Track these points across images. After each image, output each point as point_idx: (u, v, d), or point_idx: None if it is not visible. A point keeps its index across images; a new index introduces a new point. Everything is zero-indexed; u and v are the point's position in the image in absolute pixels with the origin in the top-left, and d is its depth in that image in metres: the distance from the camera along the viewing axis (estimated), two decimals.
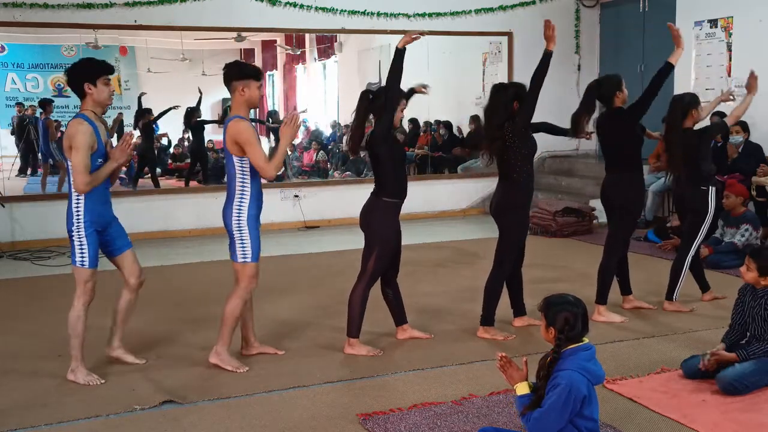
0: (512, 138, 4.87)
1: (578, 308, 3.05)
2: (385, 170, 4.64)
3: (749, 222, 6.97)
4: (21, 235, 8.63)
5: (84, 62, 4.31)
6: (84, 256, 4.29)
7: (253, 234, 4.34)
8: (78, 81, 4.21)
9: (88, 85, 4.19)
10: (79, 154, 4.08)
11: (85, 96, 4.22)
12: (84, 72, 4.22)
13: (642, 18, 10.52)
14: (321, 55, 13.92)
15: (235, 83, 4.30)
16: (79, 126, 4.12)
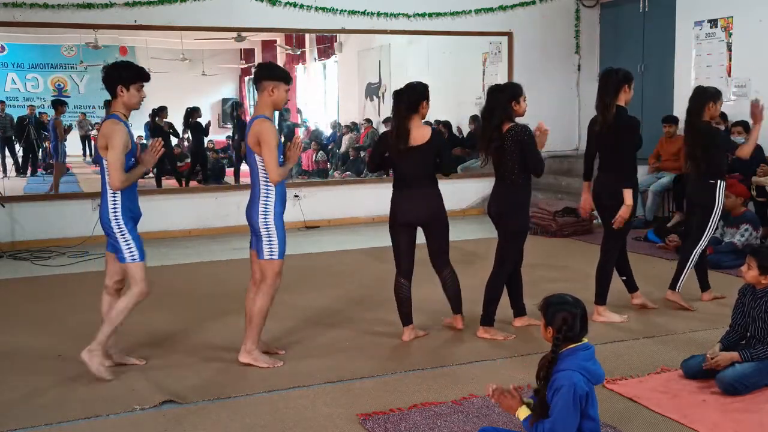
0: (510, 142, 4.86)
1: (577, 308, 3.04)
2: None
3: (749, 222, 6.97)
4: (21, 235, 8.63)
5: (122, 65, 4.42)
6: (133, 251, 4.36)
7: (280, 232, 4.42)
8: (112, 82, 4.32)
9: (121, 88, 4.30)
10: (116, 152, 4.19)
11: (116, 97, 4.33)
12: (120, 75, 4.33)
13: (642, 18, 10.52)
14: (321, 55, 13.92)
15: (266, 83, 4.37)
16: (115, 126, 4.24)
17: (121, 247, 4.34)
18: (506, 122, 4.92)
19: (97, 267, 7.60)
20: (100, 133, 4.32)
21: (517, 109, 4.99)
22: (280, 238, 4.43)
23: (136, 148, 4.39)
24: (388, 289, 6.28)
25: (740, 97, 8.85)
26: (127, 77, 4.31)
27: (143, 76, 4.37)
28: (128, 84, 4.30)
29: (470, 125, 11.70)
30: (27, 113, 11.72)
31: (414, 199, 4.92)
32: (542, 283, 6.18)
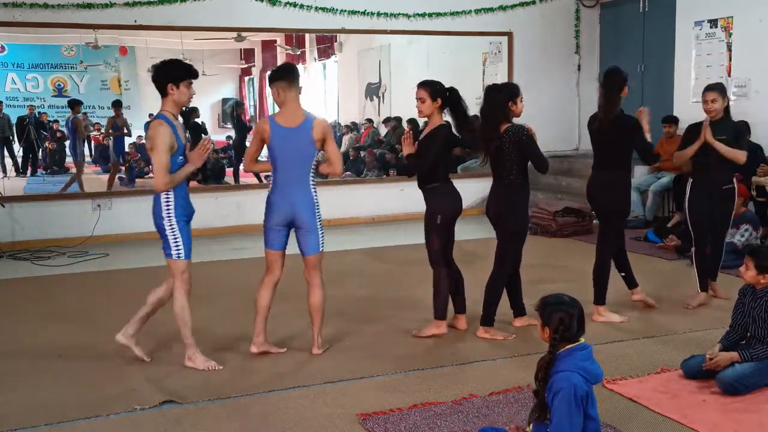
0: (508, 142, 4.87)
1: (574, 308, 3.04)
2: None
3: (749, 222, 6.97)
4: (21, 235, 8.63)
5: (171, 63, 4.42)
6: (180, 248, 4.44)
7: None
8: (162, 80, 4.34)
9: (172, 86, 4.32)
10: (158, 154, 4.21)
11: (166, 95, 4.35)
12: (170, 73, 4.34)
13: (642, 18, 10.52)
14: (321, 55, 13.92)
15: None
16: (159, 127, 4.25)
17: (169, 243, 4.42)
18: (504, 122, 4.91)
19: (97, 267, 7.61)
20: (147, 135, 4.39)
21: (514, 109, 5.00)
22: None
23: (184, 147, 4.40)
24: (389, 289, 6.30)
25: (740, 98, 8.85)
26: (177, 75, 4.33)
27: (192, 74, 4.40)
28: (179, 82, 4.32)
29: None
30: (27, 113, 11.72)
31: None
32: (542, 283, 6.18)
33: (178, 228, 4.39)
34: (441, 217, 5.01)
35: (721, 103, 5.42)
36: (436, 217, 5.01)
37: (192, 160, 4.41)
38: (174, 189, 4.32)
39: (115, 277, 7.17)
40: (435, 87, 4.95)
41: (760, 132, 8.35)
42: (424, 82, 5.00)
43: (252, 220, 9.51)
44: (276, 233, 4.60)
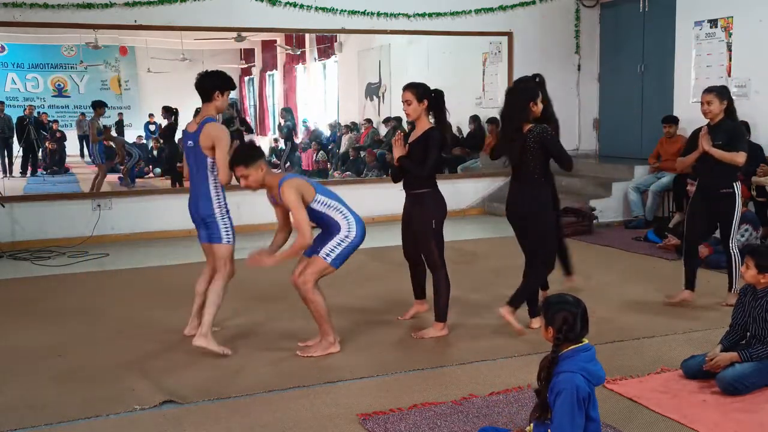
0: (533, 142, 4.88)
1: (577, 308, 3.04)
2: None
3: (749, 222, 6.97)
4: (21, 235, 8.63)
5: (219, 74, 4.91)
6: (230, 234, 4.88)
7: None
8: (211, 87, 4.80)
9: (218, 93, 4.81)
10: (224, 151, 4.68)
11: (210, 101, 4.82)
12: (219, 82, 4.83)
13: (642, 18, 10.52)
14: (321, 55, 13.91)
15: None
16: (221, 128, 4.80)
17: (219, 231, 4.83)
18: (525, 123, 4.93)
19: (97, 267, 7.61)
20: (205, 134, 4.71)
21: (534, 110, 4.99)
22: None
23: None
24: (388, 290, 6.30)
25: (740, 98, 8.84)
26: (225, 85, 4.83)
27: (233, 85, 4.94)
28: (224, 90, 4.82)
29: (470, 125, 11.70)
30: (26, 113, 11.71)
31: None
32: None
33: (228, 217, 4.87)
34: (435, 222, 5.02)
35: (717, 105, 5.39)
36: (431, 222, 5.02)
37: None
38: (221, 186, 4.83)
39: (115, 277, 7.18)
40: (420, 89, 5.00)
41: (760, 132, 8.35)
42: (410, 84, 5.03)
43: (250, 220, 9.51)
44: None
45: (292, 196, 4.45)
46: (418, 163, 4.98)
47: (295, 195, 4.47)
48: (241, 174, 4.51)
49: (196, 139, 4.77)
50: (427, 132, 4.99)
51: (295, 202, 4.46)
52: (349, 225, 4.67)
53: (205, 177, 4.79)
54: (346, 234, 4.64)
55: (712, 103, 5.38)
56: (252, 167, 4.49)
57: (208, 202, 4.80)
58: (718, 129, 5.44)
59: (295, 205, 4.45)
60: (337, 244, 4.62)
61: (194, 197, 4.86)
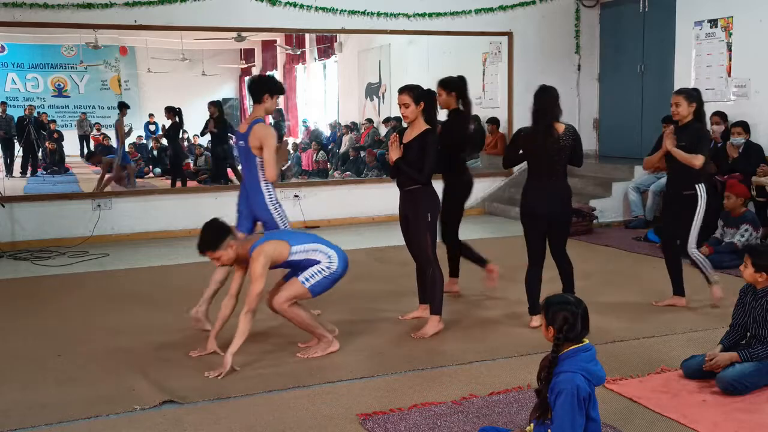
0: (568, 141, 5.06)
1: (578, 308, 3.04)
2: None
3: (749, 222, 6.97)
4: (21, 235, 8.63)
5: (270, 78, 5.45)
6: (285, 222, 5.19)
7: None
8: (262, 89, 5.13)
9: (267, 96, 5.11)
10: (271, 150, 4.99)
11: (260, 103, 5.13)
12: (269, 85, 5.18)
13: (642, 18, 10.52)
14: (321, 55, 13.92)
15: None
16: (268, 129, 5.09)
17: (276, 223, 5.12)
18: (555, 122, 5.06)
19: (97, 267, 7.61)
20: (253, 135, 5.01)
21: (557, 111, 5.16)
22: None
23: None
24: (389, 289, 6.30)
25: (740, 98, 8.85)
26: (274, 89, 5.17)
27: (282, 90, 5.30)
28: (273, 93, 5.14)
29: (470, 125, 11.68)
30: (26, 113, 11.71)
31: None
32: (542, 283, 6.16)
33: (280, 208, 5.17)
34: (431, 216, 5.08)
35: (685, 107, 5.36)
36: (426, 216, 5.07)
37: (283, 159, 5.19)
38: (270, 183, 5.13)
39: (115, 277, 7.18)
40: (416, 91, 5.05)
41: (760, 132, 8.36)
42: (406, 87, 5.07)
43: None
44: None
45: (259, 267, 4.35)
46: (416, 169, 5.01)
47: (262, 266, 4.36)
48: (212, 257, 4.46)
49: (245, 139, 5.06)
50: (424, 135, 5.01)
51: (259, 271, 4.35)
52: (330, 258, 4.59)
53: (256, 175, 5.11)
54: (327, 265, 4.57)
55: (680, 105, 5.39)
56: (220, 249, 4.42)
57: (260, 198, 5.13)
58: (685, 130, 5.43)
59: (256, 276, 4.34)
60: (317, 272, 4.55)
61: (245, 194, 5.22)
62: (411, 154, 5.02)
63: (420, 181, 5.04)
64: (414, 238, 5.17)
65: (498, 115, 11.11)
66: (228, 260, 4.50)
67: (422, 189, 5.07)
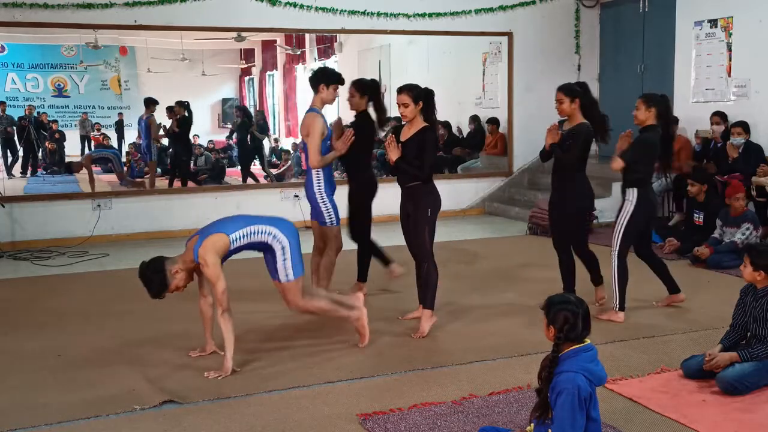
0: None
1: (579, 308, 3.04)
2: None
3: (750, 221, 6.97)
4: (21, 235, 8.63)
5: (326, 69, 5.64)
6: (331, 216, 5.48)
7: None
8: (317, 80, 5.45)
9: (323, 86, 5.41)
10: (313, 139, 5.28)
11: (316, 92, 5.45)
12: (324, 75, 5.46)
13: (642, 18, 10.52)
14: (321, 55, 13.92)
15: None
16: (315, 118, 5.34)
17: (323, 215, 5.45)
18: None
19: (97, 267, 7.61)
20: (303, 124, 5.39)
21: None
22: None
23: (331, 133, 5.51)
24: (388, 289, 6.30)
25: (740, 98, 8.85)
26: (329, 78, 5.43)
27: (340, 80, 5.53)
28: (329, 83, 5.41)
29: (470, 125, 11.70)
30: (26, 113, 11.72)
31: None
32: (541, 283, 6.17)
33: (328, 201, 5.41)
34: (431, 210, 5.11)
35: (643, 111, 5.26)
36: (427, 210, 5.09)
37: (337, 148, 5.42)
38: (323, 169, 5.38)
39: (115, 277, 7.17)
40: (415, 90, 5.06)
41: (760, 132, 8.35)
42: (405, 87, 5.08)
43: None
44: None
45: (212, 268, 4.24)
46: (417, 167, 5.02)
47: (213, 264, 4.25)
48: (171, 292, 4.40)
49: (300, 128, 5.45)
50: (423, 132, 5.01)
51: (214, 272, 4.25)
52: (275, 237, 4.47)
53: (307, 164, 5.42)
54: (281, 247, 4.47)
55: (639, 109, 5.40)
56: (169, 283, 4.32)
57: (310, 186, 5.42)
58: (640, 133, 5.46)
59: (214, 277, 4.25)
60: (282, 261, 4.48)
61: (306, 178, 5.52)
62: (409, 151, 5.03)
63: (421, 178, 5.04)
64: (413, 231, 5.17)
65: (498, 115, 11.11)
66: (184, 281, 4.38)
67: (422, 185, 5.08)
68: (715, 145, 8.46)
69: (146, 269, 4.31)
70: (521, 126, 10.94)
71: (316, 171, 5.40)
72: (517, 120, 10.95)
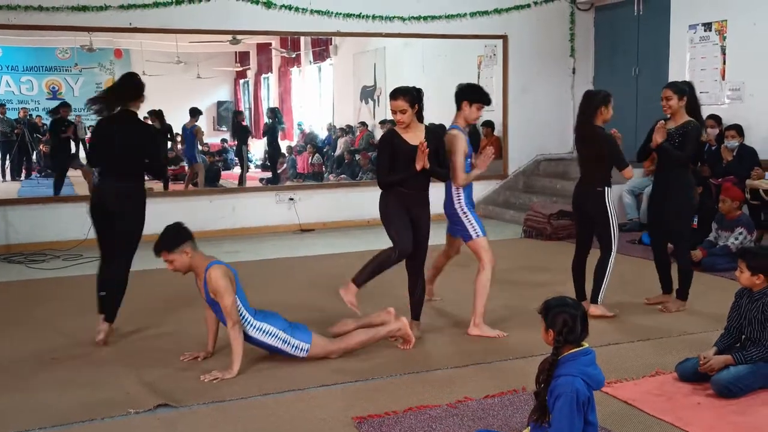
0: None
1: (577, 310, 3.05)
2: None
3: (744, 225, 6.99)
4: (15, 238, 8.61)
5: (472, 86, 5.38)
6: (476, 229, 5.21)
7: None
8: (462, 96, 5.24)
9: (466, 104, 5.20)
10: (459, 157, 5.07)
11: (459, 110, 5.23)
12: (469, 93, 5.25)
13: (637, 21, 10.55)
14: (316, 58, 13.93)
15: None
16: (458, 137, 5.12)
17: (467, 230, 5.20)
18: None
19: (92, 270, 7.57)
20: (446, 140, 5.11)
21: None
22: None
23: (472, 153, 5.28)
24: (383, 292, 6.29)
25: (734, 101, 8.88)
26: (473, 97, 5.21)
27: (485, 100, 5.27)
28: (471, 102, 5.19)
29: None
30: (20, 116, 11.69)
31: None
32: (536, 286, 6.19)
33: (469, 214, 5.19)
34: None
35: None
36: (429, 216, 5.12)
37: (478, 166, 5.22)
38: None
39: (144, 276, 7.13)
40: (410, 94, 4.87)
41: (754, 135, 8.38)
42: (400, 91, 4.85)
43: (246, 223, 9.52)
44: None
45: (221, 282, 4.32)
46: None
47: (222, 278, 4.33)
48: (166, 260, 4.41)
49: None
50: (433, 135, 4.94)
51: (223, 284, 4.32)
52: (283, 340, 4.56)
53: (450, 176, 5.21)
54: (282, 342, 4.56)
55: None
56: (176, 252, 4.40)
57: (450, 202, 5.22)
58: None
59: (222, 290, 4.32)
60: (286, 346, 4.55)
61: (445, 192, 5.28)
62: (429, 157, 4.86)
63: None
64: (425, 237, 5.08)
65: (493, 118, 11.11)
66: (181, 266, 4.42)
67: (426, 191, 5.07)
68: (710, 148, 8.48)
69: (175, 226, 4.53)
70: (516, 129, 10.96)
71: (456, 189, 5.17)
72: (512, 123, 10.97)
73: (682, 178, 5.52)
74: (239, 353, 4.38)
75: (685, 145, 5.43)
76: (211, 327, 4.73)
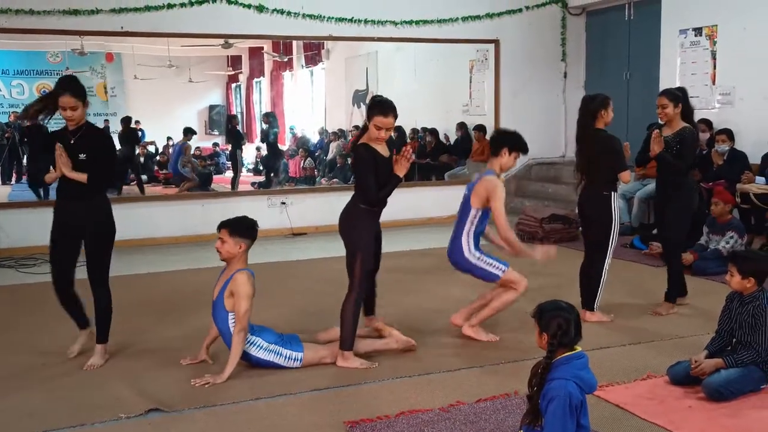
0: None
1: (571, 314, 3.06)
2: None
3: (735, 229, 7.01)
4: (5, 243, 8.56)
5: (514, 135, 5.06)
6: (497, 266, 5.01)
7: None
8: (501, 142, 5.01)
9: (506, 150, 4.96)
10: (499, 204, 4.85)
11: (496, 156, 5.00)
12: (510, 140, 5.01)
13: (628, 26, 10.59)
14: (308, 62, 13.92)
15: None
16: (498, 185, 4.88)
17: (489, 272, 4.98)
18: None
19: (82, 275, 7.53)
20: (481, 185, 4.93)
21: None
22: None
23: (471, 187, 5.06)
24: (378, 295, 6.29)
25: (725, 105, 8.92)
26: (514, 145, 4.98)
27: (524, 149, 5.05)
28: (512, 150, 4.97)
29: (457, 132, 11.73)
30: (10, 120, 11.63)
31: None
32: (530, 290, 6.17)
33: (482, 255, 4.98)
34: None
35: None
36: None
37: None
38: (472, 231, 5.01)
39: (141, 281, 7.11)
40: (395, 109, 4.67)
41: (744, 139, 8.41)
42: (393, 108, 4.61)
43: None
44: None
45: (248, 287, 4.44)
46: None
47: (249, 285, 4.45)
48: (221, 238, 4.49)
49: (471, 188, 5.00)
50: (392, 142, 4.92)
51: (247, 290, 4.43)
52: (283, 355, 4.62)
53: (464, 225, 5.01)
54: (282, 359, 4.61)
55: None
56: (235, 238, 4.49)
57: (459, 251, 5.02)
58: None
59: (244, 295, 4.41)
60: (286, 360, 4.58)
61: (451, 239, 5.12)
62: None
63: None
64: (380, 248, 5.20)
65: (485, 123, 11.13)
66: (228, 251, 4.50)
67: None
68: (700, 153, 8.51)
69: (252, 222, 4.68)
70: None
71: (466, 237, 5.00)
72: (504, 127, 10.99)
73: (683, 180, 5.57)
74: (236, 359, 4.38)
75: (682, 152, 5.47)
76: (211, 334, 4.74)
